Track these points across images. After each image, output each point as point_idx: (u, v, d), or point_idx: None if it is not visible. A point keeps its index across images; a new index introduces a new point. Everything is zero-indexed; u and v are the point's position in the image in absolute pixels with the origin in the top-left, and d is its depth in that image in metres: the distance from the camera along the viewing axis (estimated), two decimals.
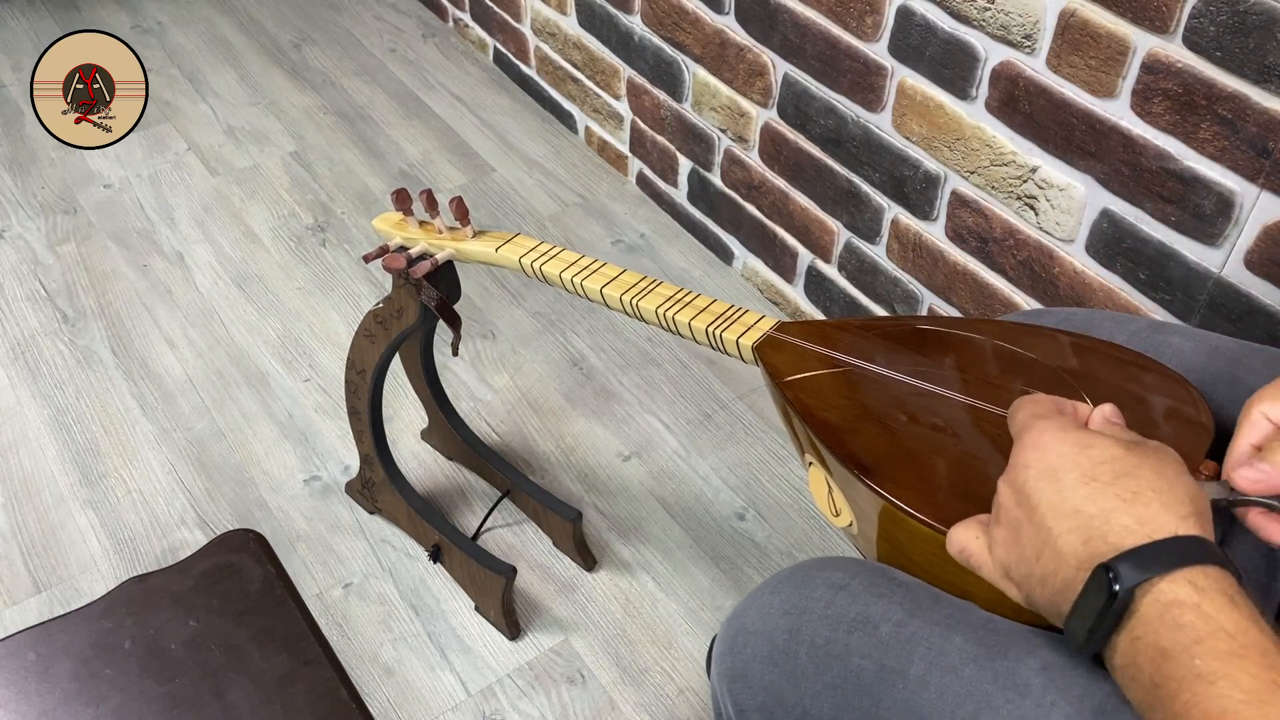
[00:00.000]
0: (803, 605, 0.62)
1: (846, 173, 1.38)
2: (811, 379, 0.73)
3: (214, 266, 1.65)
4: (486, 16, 2.07)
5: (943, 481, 0.63)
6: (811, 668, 0.60)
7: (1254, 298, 0.98)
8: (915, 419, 0.68)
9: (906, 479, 0.63)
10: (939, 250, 1.29)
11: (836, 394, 0.71)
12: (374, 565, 1.26)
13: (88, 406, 1.43)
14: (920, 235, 1.31)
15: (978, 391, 0.69)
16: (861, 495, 0.65)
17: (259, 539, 0.81)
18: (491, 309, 1.60)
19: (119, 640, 0.74)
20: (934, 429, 0.67)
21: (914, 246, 1.33)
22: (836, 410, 0.70)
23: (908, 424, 0.67)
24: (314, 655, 0.74)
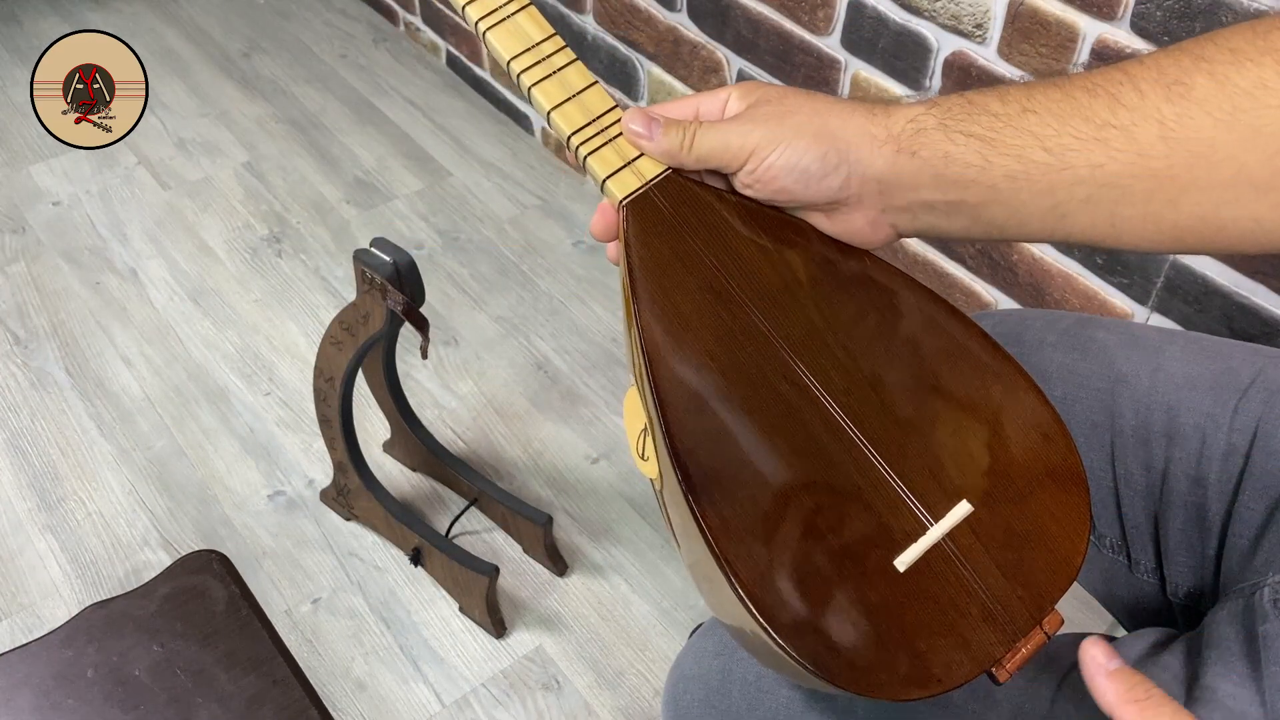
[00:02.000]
0: (733, 645, 0.63)
1: None
2: (678, 281, 0.53)
3: (168, 282, 1.63)
4: (438, 19, 2.05)
5: (750, 508, 0.49)
6: (744, 704, 0.61)
7: (1210, 279, 0.99)
8: (766, 393, 0.51)
9: (718, 484, 0.49)
10: (898, 241, 1.30)
11: (696, 311, 0.53)
12: (342, 579, 1.25)
13: (43, 429, 1.40)
14: None
15: (824, 371, 0.52)
16: (666, 467, 0.50)
17: (222, 559, 0.79)
18: (454, 315, 1.59)
19: (81, 669, 0.72)
20: (776, 421, 0.51)
21: None
22: (688, 332, 0.52)
23: (756, 398, 0.51)
24: (282, 675, 0.73)
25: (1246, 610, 0.52)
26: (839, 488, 0.49)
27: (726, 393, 0.51)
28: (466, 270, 1.66)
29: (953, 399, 0.52)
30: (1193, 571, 0.61)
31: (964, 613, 0.47)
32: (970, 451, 0.51)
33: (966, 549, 0.48)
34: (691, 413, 0.50)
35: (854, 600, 0.47)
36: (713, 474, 0.48)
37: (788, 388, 0.51)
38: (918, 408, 0.52)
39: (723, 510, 0.47)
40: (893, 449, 0.50)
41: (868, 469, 0.49)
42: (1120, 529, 0.64)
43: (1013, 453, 0.51)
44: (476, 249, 1.70)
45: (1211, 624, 0.54)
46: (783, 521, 0.48)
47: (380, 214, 1.76)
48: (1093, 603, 1.24)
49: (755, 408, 0.50)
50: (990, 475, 0.50)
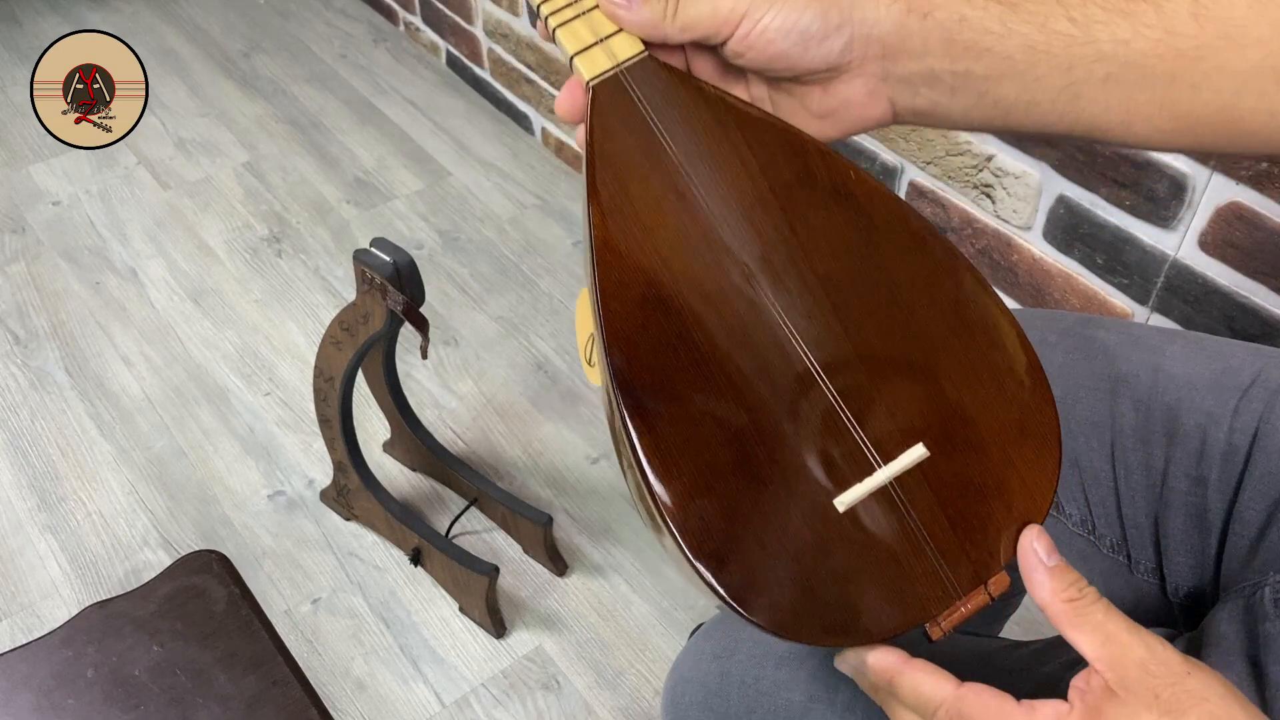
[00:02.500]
0: (731, 647, 0.63)
1: None
2: (641, 178, 0.49)
3: (168, 281, 1.63)
4: (438, 19, 2.05)
5: (693, 443, 0.45)
6: (743, 707, 0.61)
7: (1209, 279, 0.99)
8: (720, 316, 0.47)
9: (657, 409, 0.45)
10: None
11: (655, 212, 0.48)
12: (342, 579, 1.25)
13: (43, 429, 1.40)
14: None
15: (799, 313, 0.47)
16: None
17: (221, 559, 0.79)
18: (453, 315, 1.58)
19: (81, 669, 0.72)
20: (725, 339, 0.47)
21: None
22: (643, 234, 0.48)
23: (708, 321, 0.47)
24: (282, 676, 0.73)
25: (1247, 610, 0.52)
26: (784, 417, 0.45)
27: (675, 303, 0.46)
28: (466, 270, 1.66)
29: (925, 335, 0.48)
30: (1193, 571, 0.61)
31: (903, 563, 0.45)
32: (936, 392, 0.47)
33: (915, 496, 0.45)
34: (635, 319, 0.46)
35: (785, 536, 0.44)
36: (649, 385, 0.45)
37: (743, 306, 0.47)
38: (885, 341, 0.47)
39: (655, 425, 0.44)
40: (850, 382, 0.46)
41: (819, 401, 0.46)
42: (1120, 529, 0.63)
43: (982, 398, 0.47)
44: (476, 249, 1.70)
45: (1212, 624, 0.54)
46: (718, 445, 0.45)
47: (380, 214, 1.76)
48: None
49: (704, 323, 0.46)
50: (954, 420, 0.46)
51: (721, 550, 0.43)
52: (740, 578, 0.43)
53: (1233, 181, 0.94)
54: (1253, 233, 0.94)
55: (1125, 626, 0.41)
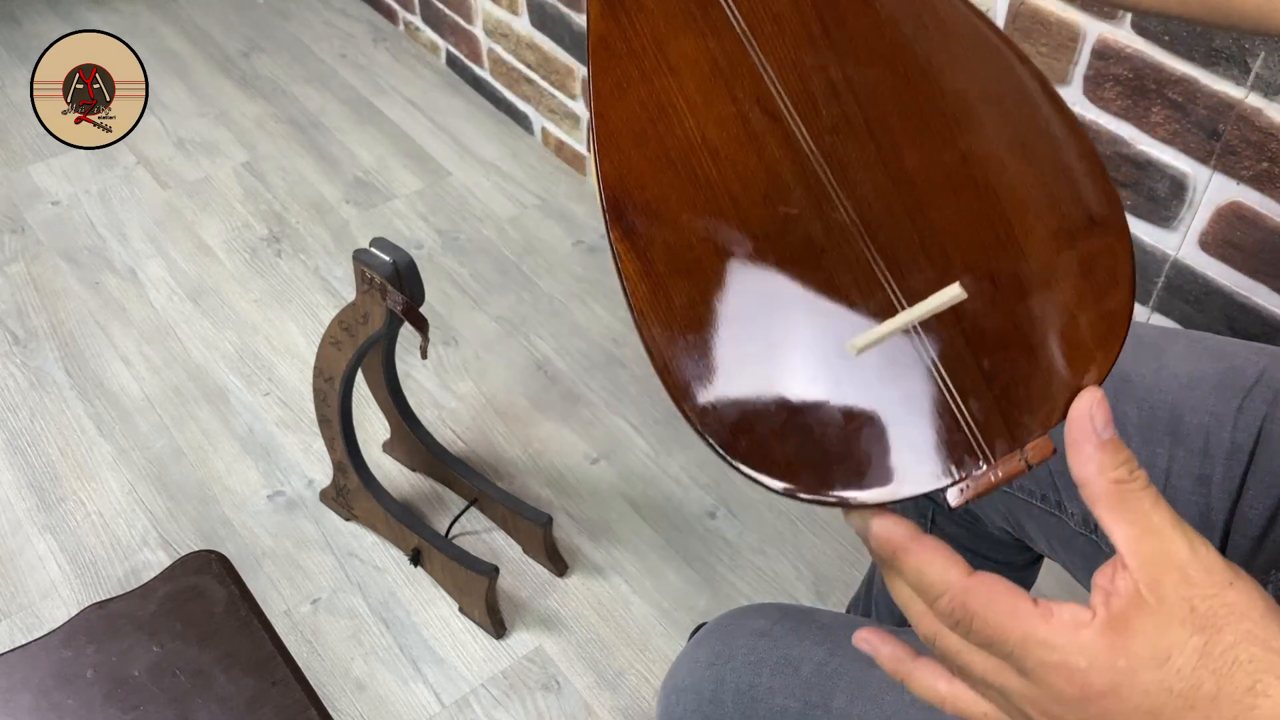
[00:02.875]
0: (727, 655, 0.63)
1: None
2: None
3: (168, 281, 1.62)
4: (437, 19, 2.05)
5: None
6: (738, 714, 0.61)
7: (1210, 279, 0.99)
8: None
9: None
10: None
11: (662, 10, 0.42)
12: (342, 579, 1.24)
13: (43, 429, 1.40)
14: None
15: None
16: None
17: (221, 559, 0.79)
18: (453, 315, 1.58)
19: (81, 669, 0.72)
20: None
21: None
22: (648, 32, 0.41)
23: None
24: (281, 676, 0.72)
25: None
26: (795, 244, 0.40)
27: (676, 108, 0.41)
28: (466, 270, 1.66)
29: (974, 156, 0.40)
30: None
31: (925, 420, 0.39)
32: (981, 224, 0.40)
33: (946, 343, 0.39)
34: (631, 127, 0.41)
35: (788, 380, 0.39)
36: (641, 203, 0.40)
37: (756, 113, 0.41)
38: (925, 161, 0.40)
39: (647, 249, 0.39)
40: (878, 208, 0.40)
41: (838, 230, 0.40)
42: None
43: (1039, 232, 0.40)
44: (476, 249, 1.70)
45: None
46: (716, 274, 0.39)
47: (380, 214, 1.76)
48: None
49: (710, 131, 0.40)
50: (1000, 256, 0.39)
51: (714, 392, 0.39)
52: (734, 423, 0.39)
53: (1233, 181, 0.93)
54: (1253, 232, 0.94)
55: (1171, 520, 0.36)
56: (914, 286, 0.39)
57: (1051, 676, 0.35)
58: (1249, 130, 0.90)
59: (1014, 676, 0.36)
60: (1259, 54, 0.88)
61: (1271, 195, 0.92)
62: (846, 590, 1.25)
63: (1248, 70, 0.89)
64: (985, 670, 0.37)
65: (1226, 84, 0.90)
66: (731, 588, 1.25)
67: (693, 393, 0.39)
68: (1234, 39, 0.88)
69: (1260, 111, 0.89)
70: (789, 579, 1.26)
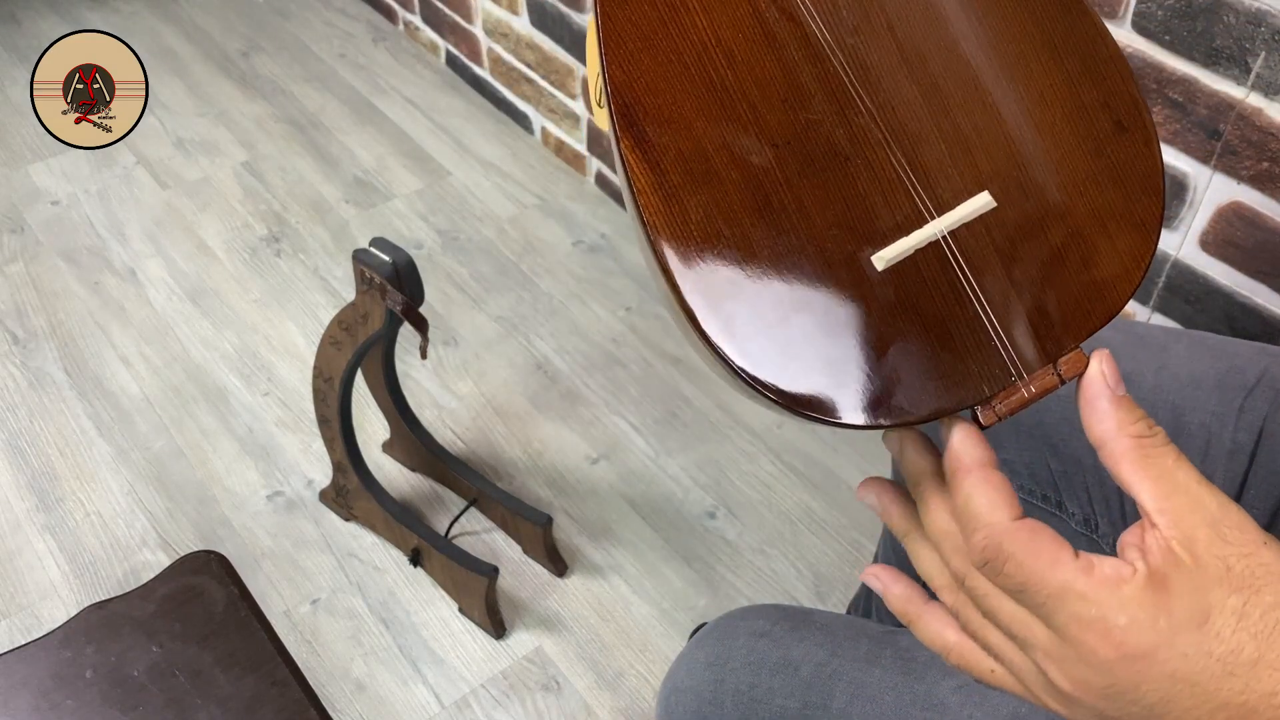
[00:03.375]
0: (726, 656, 0.63)
1: None
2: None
3: (167, 281, 1.62)
4: (437, 19, 2.05)
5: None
6: (737, 714, 0.61)
7: (1211, 279, 0.99)
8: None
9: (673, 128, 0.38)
10: None
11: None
12: (341, 580, 1.24)
13: (42, 429, 1.40)
14: None
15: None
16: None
17: (220, 559, 0.79)
18: (453, 315, 1.58)
19: (80, 669, 0.72)
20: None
21: None
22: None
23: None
24: (281, 676, 0.72)
25: None
26: (817, 152, 0.38)
27: (687, 8, 0.39)
28: (466, 270, 1.66)
29: (1001, 59, 0.39)
30: None
31: (955, 335, 0.37)
32: (1010, 131, 0.38)
33: (976, 254, 0.37)
34: (641, 29, 0.38)
35: (811, 297, 0.37)
36: (653, 111, 0.37)
37: (773, 13, 0.39)
38: (951, 65, 0.39)
39: (659, 160, 0.37)
40: (903, 114, 0.38)
41: (863, 137, 0.38)
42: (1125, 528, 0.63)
43: (1068, 141, 0.38)
44: (476, 249, 1.70)
45: None
46: (734, 186, 0.37)
47: (379, 214, 1.76)
48: None
49: (724, 32, 0.38)
50: (1030, 165, 0.38)
51: (733, 311, 0.37)
52: (755, 344, 0.36)
53: (1234, 181, 0.93)
54: (1254, 232, 0.94)
55: (1196, 477, 0.34)
56: (942, 196, 0.38)
57: (1086, 634, 0.33)
58: (1249, 130, 0.90)
59: (1041, 630, 0.34)
60: (1259, 54, 0.87)
61: (1272, 195, 0.92)
62: (846, 590, 1.25)
63: (1248, 70, 0.88)
64: (1011, 619, 0.35)
65: (1227, 84, 0.90)
66: (731, 588, 1.25)
67: (710, 312, 0.36)
68: (1234, 39, 0.88)
69: (1260, 111, 0.89)
70: (789, 579, 1.26)
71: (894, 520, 0.39)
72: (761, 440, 1.41)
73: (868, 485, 0.40)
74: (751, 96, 0.38)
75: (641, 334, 1.55)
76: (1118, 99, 0.39)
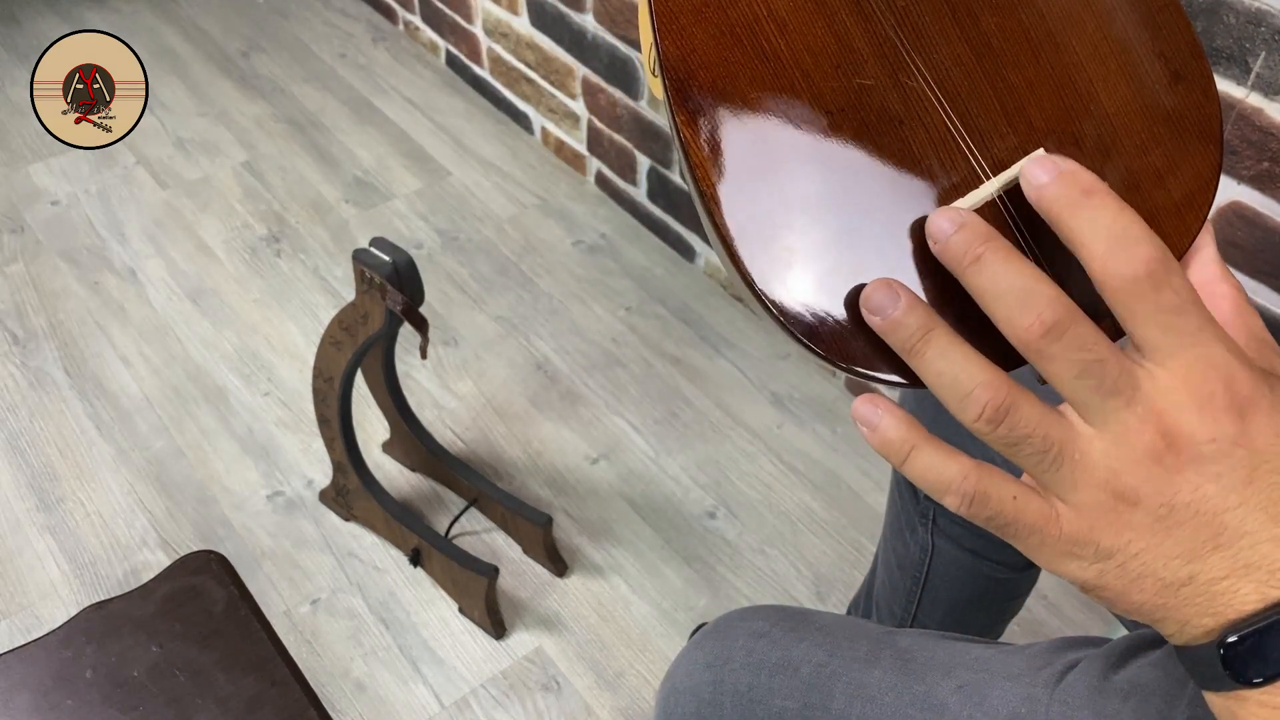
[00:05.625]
0: (725, 656, 0.63)
1: None
2: None
3: (167, 281, 1.62)
4: (437, 19, 2.05)
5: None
6: (736, 715, 0.61)
7: None
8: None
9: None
10: None
11: None
12: (341, 580, 1.24)
13: (42, 429, 1.40)
14: None
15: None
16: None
17: (220, 560, 0.79)
18: (453, 315, 1.58)
19: (80, 669, 0.72)
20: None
21: None
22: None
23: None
24: (281, 676, 0.72)
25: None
26: (871, 117, 0.38)
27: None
28: (466, 270, 1.66)
29: (1052, 12, 0.39)
30: None
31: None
32: (1064, 85, 0.38)
33: (1032, 212, 0.36)
34: (691, 4, 0.38)
35: (871, 261, 0.37)
36: (709, 84, 0.37)
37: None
38: (1002, 21, 0.39)
39: (711, 121, 0.37)
40: (956, 74, 0.38)
41: (916, 99, 0.38)
42: None
43: (1121, 95, 0.38)
44: (476, 249, 1.70)
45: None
46: (790, 155, 0.37)
47: (379, 214, 1.76)
48: (1093, 602, 1.23)
49: (775, 4, 0.38)
50: (1083, 118, 0.38)
51: (792, 276, 0.36)
52: (815, 309, 0.36)
53: (1234, 181, 0.93)
54: (1254, 232, 0.94)
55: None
56: (998, 155, 0.37)
57: (1209, 376, 0.32)
58: (1249, 130, 0.90)
59: (1162, 374, 0.33)
60: (1259, 54, 0.87)
61: (1272, 195, 0.92)
62: (846, 590, 1.25)
63: (1248, 70, 0.88)
64: (1122, 372, 0.33)
65: (1227, 84, 0.90)
66: (731, 588, 1.25)
67: (769, 279, 0.36)
68: (1234, 39, 0.88)
69: (1260, 111, 0.89)
70: (789, 579, 1.26)
71: (918, 315, 0.34)
72: (761, 440, 1.41)
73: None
74: (805, 64, 0.38)
75: (641, 334, 1.55)
76: (1174, 48, 0.39)
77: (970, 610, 0.90)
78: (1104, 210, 0.33)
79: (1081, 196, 0.33)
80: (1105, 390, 0.33)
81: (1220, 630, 0.33)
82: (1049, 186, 0.34)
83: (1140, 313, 0.32)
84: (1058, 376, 0.33)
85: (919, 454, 0.35)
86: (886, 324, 0.34)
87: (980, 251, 0.33)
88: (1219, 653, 0.33)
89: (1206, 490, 0.32)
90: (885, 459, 0.36)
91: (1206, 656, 0.33)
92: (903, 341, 0.35)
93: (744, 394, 1.47)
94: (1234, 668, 0.32)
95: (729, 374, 1.50)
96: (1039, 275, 0.33)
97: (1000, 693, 0.54)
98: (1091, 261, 0.33)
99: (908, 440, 0.35)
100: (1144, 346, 0.33)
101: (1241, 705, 0.33)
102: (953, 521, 0.84)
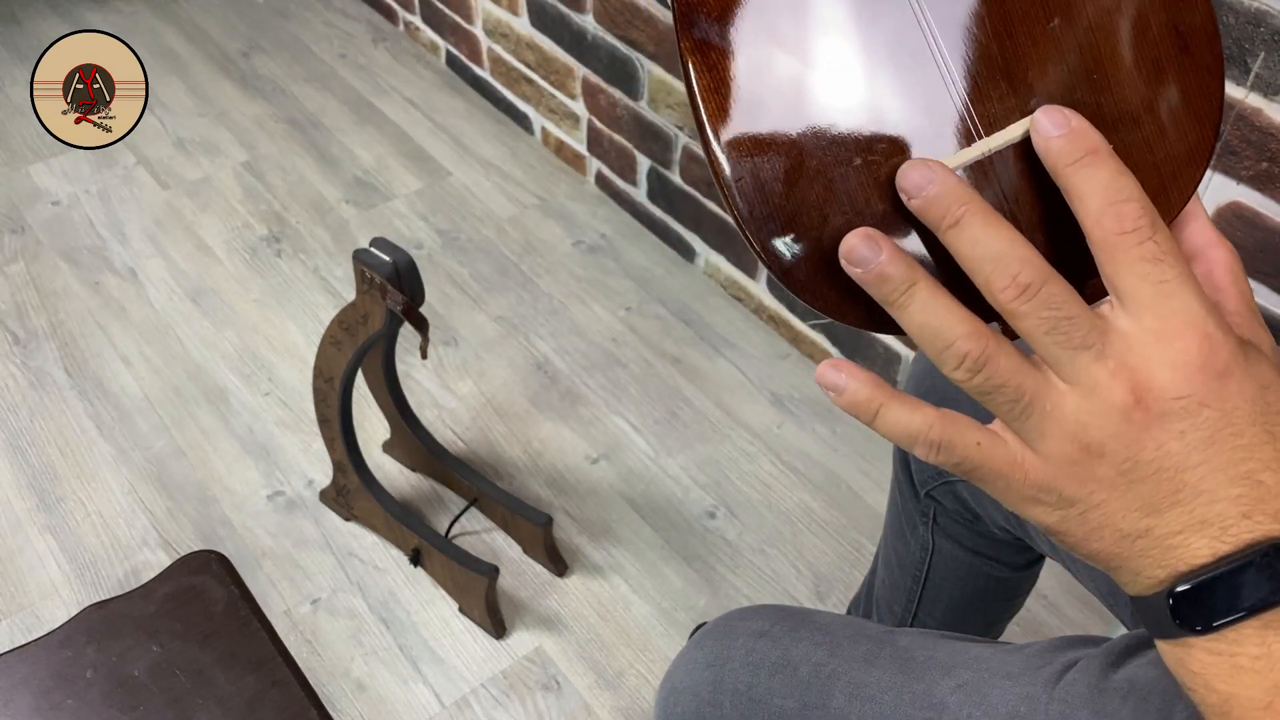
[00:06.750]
0: (725, 656, 0.63)
1: None
2: None
3: (168, 281, 1.62)
4: (437, 19, 2.05)
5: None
6: (736, 714, 0.61)
7: None
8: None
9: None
10: None
11: None
12: (342, 579, 1.24)
13: (42, 429, 1.40)
14: None
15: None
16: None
17: (221, 559, 0.79)
18: (453, 315, 1.58)
19: (80, 669, 0.72)
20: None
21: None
22: None
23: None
24: (282, 676, 0.72)
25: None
26: (876, 71, 0.37)
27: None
28: (466, 270, 1.66)
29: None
30: None
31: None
32: (1068, 51, 0.38)
33: (1020, 177, 0.37)
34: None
35: (858, 209, 0.36)
36: (716, 12, 0.37)
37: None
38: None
39: (719, 64, 0.37)
40: (962, 32, 0.38)
41: (919, 58, 0.38)
42: None
43: (1126, 64, 0.38)
44: (476, 249, 1.70)
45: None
46: (791, 95, 0.37)
47: (380, 214, 1.76)
48: (1094, 601, 1.24)
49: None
50: (1084, 87, 0.38)
51: (782, 217, 0.36)
52: (813, 256, 0.36)
53: (1233, 181, 0.93)
54: (1253, 232, 0.94)
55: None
56: (992, 113, 0.37)
57: (1185, 331, 0.33)
58: (1249, 130, 0.90)
59: (1127, 322, 0.34)
60: (1259, 54, 0.87)
61: (1271, 195, 0.92)
62: (846, 590, 1.25)
63: (1248, 70, 0.89)
64: (1089, 326, 0.34)
65: (1227, 84, 0.90)
66: (731, 588, 1.25)
67: (768, 223, 0.36)
68: (1234, 39, 0.88)
69: (1260, 111, 0.89)
70: (789, 579, 1.26)
71: (900, 268, 0.35)
72: (761, 440, 1.41)
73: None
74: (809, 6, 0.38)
75: (641, 334, 1.56)
76: (1188, 19, 0.39)
77: (970, 609, 0.91)
78: (1104, 169, 0.34)
79: (1086, 155, 0.34)
80: (1075, 344, 0.34)
81: (1171, 580, 0.34)
82: (1056, 140, 0.35)
83: (1122, 262, 0.34)
84: (1029, 333, 0.34)
85: (887, 410, 0.36)
86: (869, 275, 0.35)
87: (960, 214, 0.34)
88: (1168, 602, 0.34)
89: (1170, 448, 0.33)
90: (855, 418, 0.38)
91: (1157, 605, 0.35)
92: (886, 294, 0.35)
93: (744, 394, 1.47)
94: (1182, 616, 0.34)
95: (729, 374, 1.50)
96: (1015, 237, 0.34)
97: (1000, 692, 0.54)
98: (1085, 216, 0.34)
99: (874, 399, 0.36)
100: (1123, 297, 0.34)
101: (1188, 652, 0.35)
102: (953, 521, 0.84)
